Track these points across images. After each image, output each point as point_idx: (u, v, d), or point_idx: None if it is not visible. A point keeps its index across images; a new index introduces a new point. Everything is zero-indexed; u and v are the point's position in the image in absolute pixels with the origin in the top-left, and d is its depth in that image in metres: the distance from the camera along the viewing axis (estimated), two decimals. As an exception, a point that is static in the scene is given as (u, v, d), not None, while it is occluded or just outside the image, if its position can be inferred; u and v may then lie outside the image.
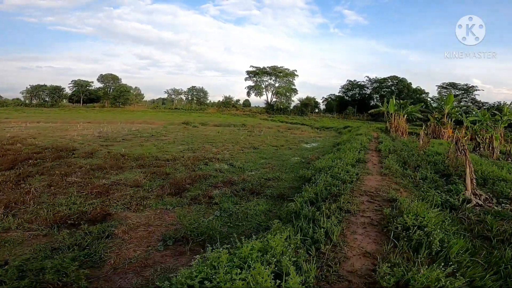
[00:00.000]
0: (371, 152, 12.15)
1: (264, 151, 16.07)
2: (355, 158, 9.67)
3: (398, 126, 24.35)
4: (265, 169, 11.75)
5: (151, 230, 5.85)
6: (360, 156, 10.30)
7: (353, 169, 8.03)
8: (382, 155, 11.13)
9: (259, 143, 19.28)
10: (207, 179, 9.62)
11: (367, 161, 10.12)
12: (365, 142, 14.13)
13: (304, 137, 25.13)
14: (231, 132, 26.52)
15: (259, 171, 11.21)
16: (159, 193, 8.02)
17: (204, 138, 21.10)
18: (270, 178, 9.99)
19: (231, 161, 12.82)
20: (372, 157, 11.16)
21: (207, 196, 7.84)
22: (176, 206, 7.18)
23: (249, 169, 11.51)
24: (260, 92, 74.96)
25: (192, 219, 6.30)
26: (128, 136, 20.87)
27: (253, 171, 11.34)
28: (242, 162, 12.64)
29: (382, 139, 16.00)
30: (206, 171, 10.62)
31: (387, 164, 8.67)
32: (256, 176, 10.23)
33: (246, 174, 10.70)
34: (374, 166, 9.47)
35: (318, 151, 16.79)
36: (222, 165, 12.04)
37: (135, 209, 6.89)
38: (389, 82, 73.40)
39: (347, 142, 15.17)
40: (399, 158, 10.40)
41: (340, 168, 8.05)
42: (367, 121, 65.15)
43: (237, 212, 6.87)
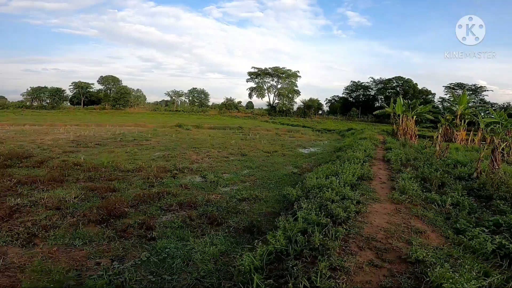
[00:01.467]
0: (377, 163, 9.74)
1: (252, 158, 13.66)
2: (357, 173, 7.17)
3: (407, 129, 21.74)
4: (245, 183, 9.36)
5: (15, 279, 3.59)
6: (364, 170, 7.85)
7: (353, 193, 5.57)
8: (393, 168, 8.72)
9: (250, 148, 16.88)
10: (162, 199, 7.26)
11: (373, 178, 7.70)
12: (370, 148, 11.63)
13: (303, 141, 22.66)
14: (224, 135, 24.17)
15: (236, 187, 8.82)
16: (79, 219, 5.69)
17: (191, 142, 18.78)
18: (245, 197, 7.58)
19: (207, 172, 10.44)
20: (379, 170, 8.74)
21: (145, 227, 5.48)
22: (91, 241, 4.85)
23: (225, 184, 9.12)
24: (262, 94, 72.63)
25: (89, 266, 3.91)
26: (107, 140, 18.64)
27: (228, 186, 8.95)
28: (219, 174, 10.26)
29: (389, 144, 13.51)
30: (168, 187, 8.26)
31: (402, 186, 6.18)
32: (228, 195, 7.84)
33: (218, 191, 8.32)
34: (382, 185, 7.03)
35: (315, 158, 14.32)
36: (194, 178, 9.68)
37: (22, 243, 4.64)
38: (394, 82, 70.37)
39: (348, 149, 12.72)
40: (415, 173, 7.91)
41: (334, 190, 5.60)
42: (371, 122, 62.23)
43: (177, 255, 4.51)
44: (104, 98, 69.34)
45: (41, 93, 68.36)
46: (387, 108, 24.80)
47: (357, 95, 74.05)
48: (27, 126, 28.76)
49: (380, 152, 11.63)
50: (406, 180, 6.49)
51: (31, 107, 64.95)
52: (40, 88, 68.09)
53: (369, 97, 72.80)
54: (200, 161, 12.60)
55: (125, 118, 45.30)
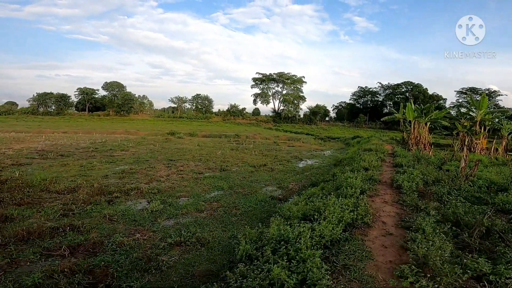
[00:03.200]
0: (382, 191, 6.77)
1: (230, 175, 11.06)
2: (346, 218, 4.44)
3: (419, 137, 18.81)
4: (201, 213, 6.81)
5: None
6: (360, 210, 4.85)
7: (322, 271, 2.83)
8: (405, 202, 5.78)
9: (236, 161, 14.30)
10: (58, 236, 4.84)
11: (372, 223, 4.80)
12: (375, 166, 8.86)
13: (301, 151, 19.95)
14: (215, 144, 21.67)
15: (186, 219, 6.29)
16: None
17: (172, 153, 16.35)
18: (183, 241, 5.04)
19: (160, 195, 7.94)
20: (384, 206, 5.76)
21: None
22: None
23: (172, 214, 6.59)
24: (266, 100, 69.94)
25: None
26: (78, 150, 16.39)
27: (175, 218, 6.41)
28: (175, 198, 7.73)
29: (400, 158, 10.68)
30: (87, 217, 5.80)
31: (424, 253, 3.33)
32: (163, 234, 5.32)
33: (155, 226, 5.82)
34: (385, 242, 4.14)
35: (309, 174, 11.61)
36: (136, 204, 7.19)
37: None
38: (403, 88, 66.86)
39: (348, 164, 10.01)
40: (441, 208, 5.13)
41: (295, 259, 2.98)
42: (380, 129, 58.86)
43: None
44: (108, 104, 68.07)
45: (47, 99, 67.56)
46: (397, 114, 21.91)
47: (365, 101, 70.81)
48: (13, 133, 27.07)
49: (387, 171, 8.80)
50: (430, 238, 3.69)
51: (37, 113, 64.18)
52: (46, 94, 67.32)
53: (377, 103, 69.48)
54: (163, 178, 10.07)
55: (123, 125, 43.50)
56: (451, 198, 6.42)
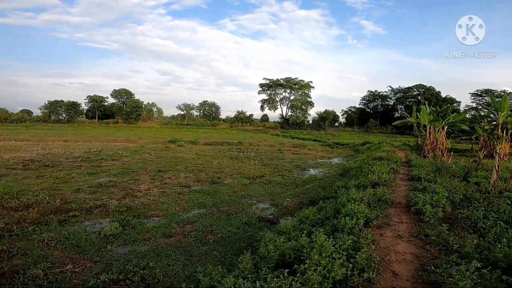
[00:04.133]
0: (396, 216, 5.04)
1: (220, 189, 9.66)
2: (338, 272, 2.72)
3: (436, 142, 16.99)
4: (169, 238, 5.50)
5: None
6: (360, 254, 3.19)
7: None
8: (428, 235, 4.12)
9: (231, 172, 12.92)
10: None
11: (378, 274, 3.09)
12: (386, 178, 7.22)
13: (306, 160, 18.41)
14: (214, 153, 20.35)
15: (143, 247, 4.93)
16: None
17: (166, 163, 15.12)
18: (119, 279, 3.70)
19: (133, 212, 6.65)
20: (398, 243, 4.01)
21: None
22: None
23: (128, 241, 5.26)
24: (274, 106, 68.46)
25: None
26: (68, 160, 15.39)
27: (129, 245, 5.11)
28: (146, 217, 6.43)
29: (417, 169, 8.98)
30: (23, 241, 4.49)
31: None
32: (97, 269, 3.97)
33: (101, 254, 4.50)
34: None
35: (310, 187, 10.07)
36: (96, 225, 5.92)
37: None
38: (414, 91, 64.28)
39: (354, 177, 8.46)
40: (483, 248, 3.61)
41: None
42: (391, 134, 56.45)
43: None
44: (117, 112, 68.00)
45: (58, 107, 68.02)
46: (410, 118, 20.12)
47: (375, 105, 68.49)
48: (14, 141, 26.49)
49: (401, 186, 7.14)
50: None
51: (48, 121, 64.60)
52: (57, 102, 67.77)
53: (388, 107, 67.05)
54: (141, 193, 8.76)
55: (128, 133, 42.89)
56: (488, 223, 4.86)
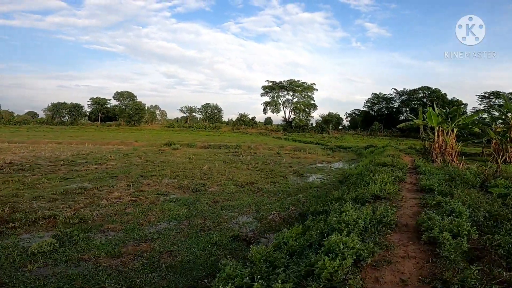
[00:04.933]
0: (401, 246, 3.56)
1: (202, 198, 8.48)
2: None
3: (445, 146, 15.60)
4: (114, 259, 4.36)
5: None
6: None
7: None
8: (448, 283, 2.50)
9: (221, 178, 11.74)
10: None
11: None
12: (390, 190, 5.83)
13: (305, 164, 17.14)
14: (209, 157, 19.19)
15: (74, 270, 3.71)
16: None
17: (153, 167, 14.01)
18: None
19: (87, 224, 5.51)
20: None
21: None
22: None
23: (61, 260, 4.09)
24: (276, 109, 67.13)
25: None
26: (51, 163, 14.43)
27: (59, 266, 3.95)
28: (100, 231, 5.27)
29: (426, 177, 7.65)
30: None
31: None
32: None
33: (18, 277, 3.30)
34: None
35: (303, 197, 8.80)
36: (36, 236, 4.72)
37: None
38: (420, 93, 62.47)
39: (352, 187, 7.18)
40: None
41: None
42: (396, 137, 54.78)
43: None
44: (119, 114, 67.39)
45: (61, 109, 67.60)
46: (416, 120, 18.71)
47: (379, 108, 66.81)
48: (6, 143, 25.68)
49: (409, 201, 5.65)
50: None
51: (51, 123, 64.18)
52: (60, 104, 67.34)
53: (393, 109, 65.33)
54: (108, 202, 7.61)
55: (127, 135, 42.03)
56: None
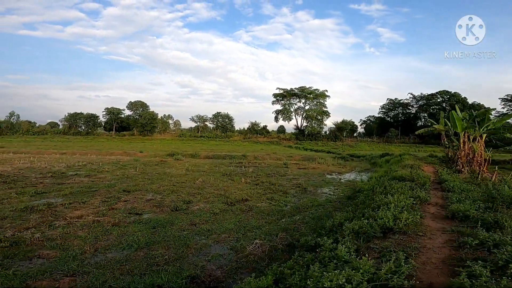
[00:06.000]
0: None
1: (179, 219, 7.10)
2: None
3: (473, 155, 13.57)
4: None
5: None
6: None
7: None
8: None
9: (211, 193, 10.37)
10: None
11: None
12: (408, 221, 4.12)
13: (311, 176, 15.48)
14: (210, 168, 17.86)
15: None
16: None
17: (144, 180, 12.84)
18: None
19: (16, 249, 4.20)
20: None
21: None
22: None
23: None
24: (288, 117, 65.31)
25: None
26: (41, 174, 13.55)
27: None
28: (25, 259, 3.92)
29: (457, 196, 5.88)
30: None
31: None
32: None
33: None
34: None
35: (299, 220, 7.19)
36: None
37: None
38: (438, 98, 59.15)
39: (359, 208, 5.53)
40: None
41: None
42: (414, 144, 51.73)
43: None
44: (132, 124, 67.71)
45: (77, 119, 68.62)
46: (437, 126, 16.71)
47: (396, 114, 63.81)
48: (11, 153, 25.42)
49: (435, 236, 3.96)
50: None
51: (68, 133, 65.20)
52: (77, 114, 68.40)
53: (410, 115, 62.20)
54: (66, 221, 6.35)
55: (137, 145, 41.65)
56: None
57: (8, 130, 65.73)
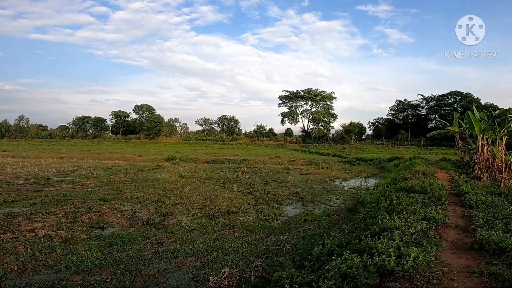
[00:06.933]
0: None
1: (147, 235, 6.01)
2: None
3: (493, 160, 12.12)
4: None
5: None
6: None
7: None
8: None
9: (197, 203, 9.31)
10: None
11: None
12: (420, 260, 2.88)
13: (312, 183, 14.24)
14: (205, 174, 16.80)
15: None
16: None
17: (129, 187, 11.89)
18: None
19: None
20: None
21: None
22: None
23: None
24: (294, 119, 63.96)
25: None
26: (25, 180, 12.76)
27: None
28: None
29: (483, 214, 4.68)
30: None
31: None
32: None
33: None
34: None
35: (287, 239, 6.00)
36: None
37: None
38: (449, 99, 56.87)
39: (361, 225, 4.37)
40: None
41: None
42: (425, 146, 49.63)
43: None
44: (138, 127, 67.49)
45: (85, 123, 68.75)
46: (451, 127, 15.25)
47: (405, 116, 61.68)
48: (9, 158, 24.98)
49: (458, 279, 2.81)
50: None
51: (75, 137, 65.38)
52: (84, 118, 68.53)
53: (420, 117, 59.99)
54: (6, 236, 5.35)
55: (139, 149, 41.14)
56: None
57: (17, 134, 66.47)
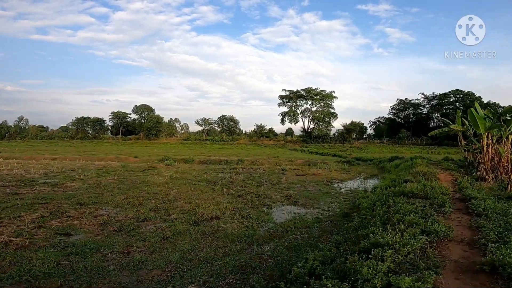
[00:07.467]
0: None
1: (116, 242, 5.38)
2: None
3: (499, 160, 11.41)
4: None
5: None
6: None
7: None
8: None
9: (181, 207, 8.67)
10: None
11: None
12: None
13: (309, 185, 13.56)
14: (198, 175, 16.17)
15: None
16: None
17: (113, 190, 11.27)
18: None
19: None
20: None
21: None
22: None
23: None
24: (295, 119, 63.20)
25: None
26: (9, 183, 12.12)
27: None
28: None
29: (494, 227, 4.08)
30: None
31: None
32: None
33: None
34: None
35: (272, 249, 5.34)
36: None
37: None
38: (451, 97, 55.92)
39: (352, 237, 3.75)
40: None
41: None
42: (427, 145, 48.78)
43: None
44: (138, 128, 66.96)
45: (84, 123, 68.33)
46: (453, 126, 14.51)
47: (406, 115, 60.78)
48: (1, 159, 24.41)
49: None
50: None
51: (75, 137, 64.95)
52: (84, 119, 68.11)
53: (421, 115, 59.08)
54: None
55: (135, 149, 40.60)
56: None
57: (16, 135, 66.10)
